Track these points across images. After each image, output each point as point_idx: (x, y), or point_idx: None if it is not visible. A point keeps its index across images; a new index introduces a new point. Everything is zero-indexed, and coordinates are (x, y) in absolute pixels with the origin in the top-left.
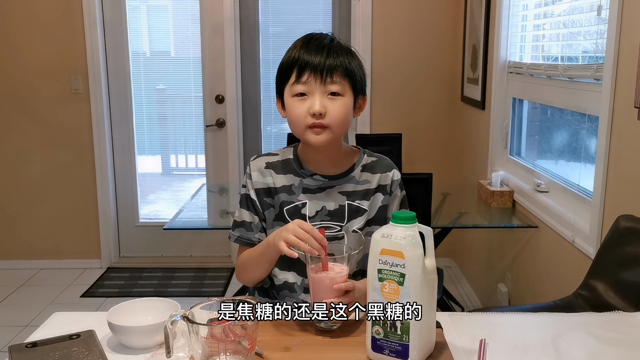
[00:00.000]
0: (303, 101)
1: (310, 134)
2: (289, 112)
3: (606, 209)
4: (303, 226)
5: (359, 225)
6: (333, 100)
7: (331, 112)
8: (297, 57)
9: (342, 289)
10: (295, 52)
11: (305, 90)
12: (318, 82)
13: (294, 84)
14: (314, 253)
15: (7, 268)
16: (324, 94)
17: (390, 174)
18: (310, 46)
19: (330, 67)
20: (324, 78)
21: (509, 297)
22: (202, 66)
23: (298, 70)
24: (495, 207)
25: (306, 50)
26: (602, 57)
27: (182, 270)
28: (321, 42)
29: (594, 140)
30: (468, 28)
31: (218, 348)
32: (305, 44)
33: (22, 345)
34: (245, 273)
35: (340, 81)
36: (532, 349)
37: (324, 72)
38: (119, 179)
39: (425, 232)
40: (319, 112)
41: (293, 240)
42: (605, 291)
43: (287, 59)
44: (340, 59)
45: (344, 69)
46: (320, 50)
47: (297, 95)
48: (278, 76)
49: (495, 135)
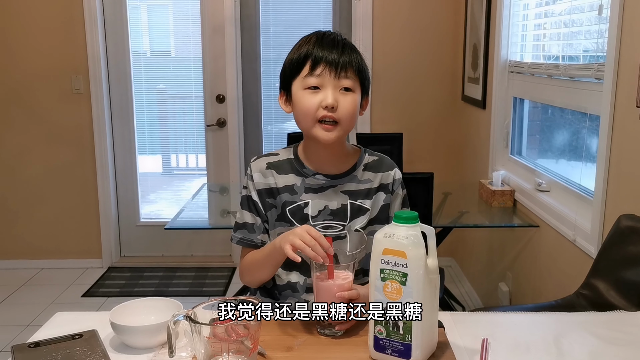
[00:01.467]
0: (315, 94)
1: (319, 130)
2: (299, 105)
3: (607, 209)
4: (311, 232)
5: (361, 224)
6: (345, 95)
7: (342, 107)
8: (310, 50)
9: (346, 297)
10: (309, 47)
11: (318, 84)
12: (332, 75)
13: (307, 76)
14: (318, 260)
15: (8, 268)
16: (337, 88)
17: (392, 173)
18: (324, 42)
19: (344, 63)
20: (338, 72)
21: (510, 296)
22: (203, 66)
23: (312, 63)
24: (496, 206)
25: (321, 45)
26: (603, 57)
27: (183, 270)
28: (335, 39)
29: (595, 140)
30: (469, 27)
31: (221, 348)
32: (319, 39)
33: (25, 345)
34: (249, 275)
35: (353, 77)
36: (534, 348)
37: (339, 67)
38: (119, 178)
39: (428, 231)
40: (332, 104)
41: (299, 244)
42: (606, 290)
43: (299, 53)
44: (353, 55)
45: (357, 66)
46: (335, 46)
47: (309, 88)
48: (286, 70)
49: (496, 134)
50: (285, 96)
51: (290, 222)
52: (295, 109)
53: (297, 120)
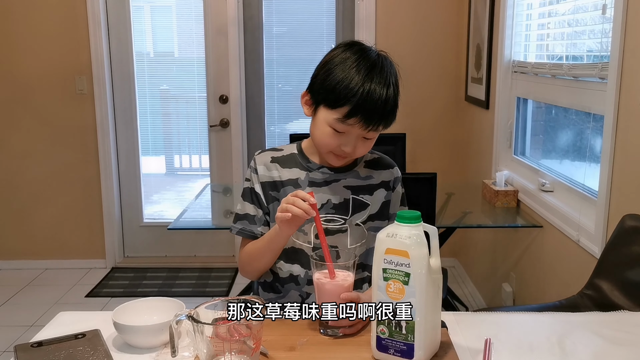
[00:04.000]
0: (338, 136)
1: (331, 156)
2: (318, 132)
3: (611, 209)
4: (291, 194)
5: (361, 219)
6: (364, 142)
7: (359, 151)
8: (353, 90)
9: (346, 299)
10: (353, 79)
11: (345, 130)
12: (361, 129)
13: (337, 119)
14: (305, 216)
15: (12, 268)
16: (361, 136)
17: (392, 171)
18: (373, 82)
19: (378, 119)
20: (368, 129)
21: (514, 297)
22: (206, 66)
23: (351, 111)
24: (500, 206)
25: (368, 85)
26: (607, 56)
27: (187, 270)
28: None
29: (598, 140)
30: (472, 27)
31: (223, 347)
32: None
33: (28, 345)
34: (249, 265)
35: (379, 129)
36: (537, 349)
37: (372, 124)
38: (123, 179)
39: (430, 231)
40: (350, 154)
41: (283, 207)
42: (610, 291)
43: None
44: (391, 100)
45: (386, 123)
46: (379, 96)
47: (334, 128)
48: (322, 91)
49: (499, 134)
50: (309, 99)
51: None
52: (313, 127)
53: (312, 136)
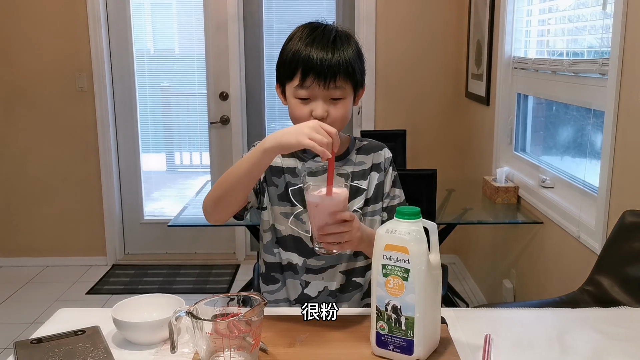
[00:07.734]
0: (305, 104)
1: None
2: (291, 110)
3: (612, 205)
4: (325, 127)
5: (359, 205)
6: (335, 104)
7: (332, 116)
8: (300, 56)
9: (341, 218)
10: (299, 47)
11: (308, 95)
12: (321, 88)
13: (297, 87)
14: (327, 155)
15: (13, 265)
16: (327, 98)
17: (382, 152)
18: (315, 42)
19: (333, 72)
20: (327, 84)
21: (514, 293)
22: (206, 63)
23: (302, 74)
24: (500, 203)
25: (310, 49)
26: (607, 52)
27: (187, 267)
28: (326, 39)
29: (599, 136)
30: (472, 23)
31: (222, 344)
32: (311, 41)
33: (28, 342)
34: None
35: (342, 85)
36: (537, 345)
37: (327, 78)
38: (123, 176)
39: (430, 227)
40: (321, 116)
41: (320, 139)
42: (610, 286)
43: (291, 55)
44: (343, 54)
45: (345, 70)
46: (324, 49)
47: (300, 98)
48: (281, 70)
49: (500, 131)
50: (278, 86)
51: (292, 203)
52: (289, 110)
53: (290, 119)
